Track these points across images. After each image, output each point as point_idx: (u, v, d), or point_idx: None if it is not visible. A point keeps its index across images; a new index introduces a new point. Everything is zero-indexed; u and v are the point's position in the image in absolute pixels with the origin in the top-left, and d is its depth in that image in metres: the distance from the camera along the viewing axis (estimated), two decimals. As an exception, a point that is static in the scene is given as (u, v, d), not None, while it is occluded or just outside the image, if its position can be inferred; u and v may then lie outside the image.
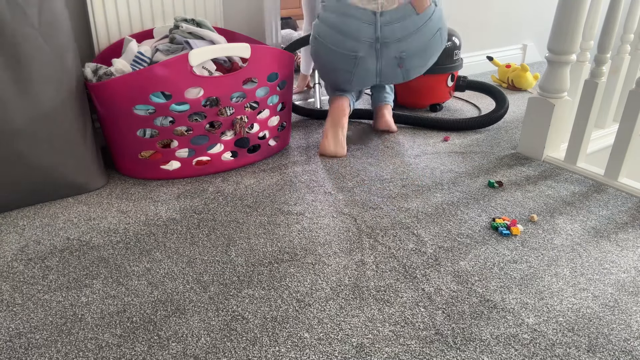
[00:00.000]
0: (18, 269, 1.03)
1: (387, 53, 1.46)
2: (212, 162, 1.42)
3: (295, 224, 1.19)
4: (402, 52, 1.46)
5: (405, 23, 1.43)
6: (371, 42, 1.44)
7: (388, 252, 1.09)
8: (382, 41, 1.44)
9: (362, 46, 1.45)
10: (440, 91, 1.95)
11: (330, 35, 1.48)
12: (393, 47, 1.45)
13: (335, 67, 1.52)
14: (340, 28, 1.45)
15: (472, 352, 0.83)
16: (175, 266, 1.04)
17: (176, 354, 0.82)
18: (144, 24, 1.53)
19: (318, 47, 1.53)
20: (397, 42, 1.45)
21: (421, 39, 1.46)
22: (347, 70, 1.50)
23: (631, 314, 0.92)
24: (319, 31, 1.51)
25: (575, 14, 1.39)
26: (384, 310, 0.92)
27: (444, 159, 1.56)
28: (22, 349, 0.83)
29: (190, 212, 1.24)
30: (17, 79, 1.14)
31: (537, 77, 2.32)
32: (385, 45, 1.45)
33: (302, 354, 0.82)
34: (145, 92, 1.27)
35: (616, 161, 1.37)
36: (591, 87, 1.42)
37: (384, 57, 1.47)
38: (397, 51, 1.46)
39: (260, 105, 1.44)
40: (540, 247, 1.12)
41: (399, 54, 1.46)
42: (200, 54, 1.28)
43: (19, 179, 1.20)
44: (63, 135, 1.23)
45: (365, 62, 1.48)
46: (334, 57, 1.50)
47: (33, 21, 1.14)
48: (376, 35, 1.43)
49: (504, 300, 0.95)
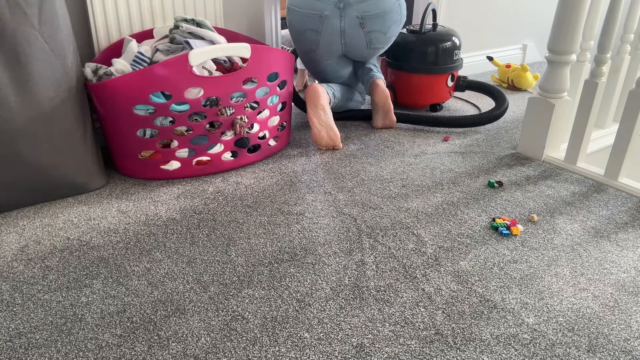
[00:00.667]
0: (18, 269, 1.03)
1: (350, 12, 1.62)
2: (212, 162, 1.42)
3: (295, 224, 1.19)
4: (363, 12, 1.62)
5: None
6: (335, 2, 1.62)
7: (388, 252, 1.09)
8: (345, 2, 1.62)
9: (327, 6, 1.62)
10: (440, 91, 1.95)
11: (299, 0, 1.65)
12: (355, 8, 1.62)
13: (304, 28, 1.67)
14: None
15: (472, 352, 0.83)
16: (175, 266, 1.04)
17: (176, 354, 0.82)
18: (144, 24, 1.53)
19: (290, 15, 1.70)
20: (358, 3, 1.62)
21: (380, 4, 1.63)
22: (315, 30, 1.66)
23: (631, 314, 0.92)
24: (290, 0, 1.69)
25: (575, 14, 1.39)
26: (384, 310, 0.92)
27: (444, 159, 1.56)
28: (22, 349, 0.83)
29: (190, 212, 1.24)
30: (17, 79, 1.14)
31: (537, 77, 2.32)
32: (347, 5, 1.62)
33: (302, 354, 0.82)
34: (145, 92, 1.27)
35: (616, 161, 1.37)
36: (591, 87, 1.42)
37: (347, 16, 1.63)
38: (358, 11, 1.62)
39: (260, 105, 1.44)
40: (540, 247, 1.12)
41: (360, 14, 1.62)
42: (200, 54, 1.28)
43: (19, 179, 1.20)
44: (63, 135, 1.23)
45: (330, 21, 1.64)
46: (303, 19, 1.66)
47: (33, 21, 1.14)
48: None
49: (504, 300, 0.95)
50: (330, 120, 1.58)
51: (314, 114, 1.57)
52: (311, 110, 1.58)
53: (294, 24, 1.69)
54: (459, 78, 2.00)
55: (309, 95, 1.59)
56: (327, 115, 1.58)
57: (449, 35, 1.89)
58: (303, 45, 1.73)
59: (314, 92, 1.59)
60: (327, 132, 1.57)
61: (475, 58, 2.56)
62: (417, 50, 1.86)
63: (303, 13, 1.64)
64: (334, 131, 1.58)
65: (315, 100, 1.58)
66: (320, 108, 1.58)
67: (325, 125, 1.57)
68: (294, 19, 1.68)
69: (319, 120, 1.57)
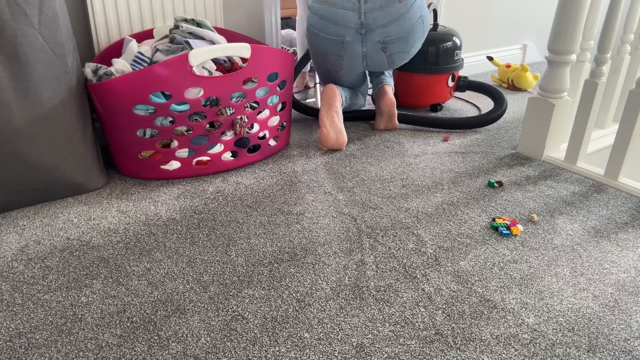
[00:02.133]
0: (18, 269, 1.03)
1: (372, 37, 1.58)
2: (212, 162, 1.42)
3: (295, 224, 1.19)
4: (385, 37, 1.58)
5: (388, 10, 1.55)
6: (357, 28, 1.57)
7: (388, 252, 1.09)
8: (367, 27, 1.56)
9: (349, 32, 1.58)
10: (441, 91, 1.95)
11: (320, 24, 1.61)
12: (377, 32, 1.57)
13: (326, 51, 1.65)
14: (328, 16, 1.59)
15: (472, 352, 0.83)
16: (175, 266, 1.04)
17: (176, 354, 0.82)
18: (144, 24, 1.53)
19: (311, 36, 1.66)
20: (380, 27, 1.56)
21: (404, 25, 1.57)
22: (337, 55, 1.63)
23: (631, 314, 0.92)
24: (310, 21, 1.64)
25: (575, 14, 1.39)
26: (384, 310, 0.92)
27: (444, 159, 1.56)
28: (22, 349, 0.83)
29: (190, 212, 1.24)
30: (17, 79, 1.14)
31: (537, 77, 2.32)
32: (369, 30, 1.57)
33: (302, 354, 0.82)
34: (145, 92, 1.27)
35: (616, 161, 1.37)
36: (591, 87, 1.42)
37: (369, 41, 1.59)
38: (381, 36, 1.58)
39: (260, 105, 1.44)
40: (540, 247, 1.12)
41: (382, 39, 1.58)
42: (200, 54, 1.28)
43: (19, 179, 1.20)
44: (63, 135, 1.23)
45: (352, 46, 1.60)
46: (325, 43, 1.63)
47: (33, 21, 1.14)
48: (360, 21, 1.56)
49: (504, 300, 0.95)
50: (341, 123, 1.59)
51: (326, 115, 1.57)
52: (325, 111, 1.58)
53: (316, 45, 1.67)
54: (459, 78, 2.00)
55: (326, 95, 1.59)
56: (339, 118, 1.59)
57: (449, 35, 1.89)
58: (325, 65, 1.71)
59: (331, 93, 1.59)
60: (336, 135, 1.56)
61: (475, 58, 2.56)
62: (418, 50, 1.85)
63: (324, 38, 1.61)
64: (343, 135, 1.58)
65: (331, 102, 1.58)
66: (334, 110, 1.58)
67: (336, 128, 1.57)
68: (316, 41, 1.66)
69: (331, 122, 1.57)
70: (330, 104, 1.58)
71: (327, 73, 1.73)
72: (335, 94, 1.60)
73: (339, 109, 1.59)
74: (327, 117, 1.57)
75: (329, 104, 1.58)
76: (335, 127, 1.57)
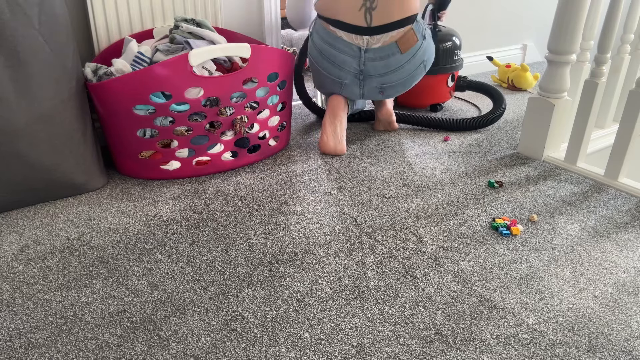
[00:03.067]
0: (18, 269, 1.03)
1: (370, 83, 1.56)
2: (212, 162, 1.42)
3: (295, 224, 1.19)
4: (383, 84, 1.56)
5: (388, 61, 1.52)
6: (355, 74, 1.54)
7: (388, 252, 1.09)
8: (366, 74, 1.54)
9: (347, 75, 1.55)
10: (441, 91, 1.95)
11: (320, 60, 1.58)
12: (375, 80, 1.55)
13: (325, 84, 1.63)
14: (328, 57, 1.56)
15: (472, 352, 0.83)
16: (175, 266, 1.04)
17: (176, 354, 0.82)
18: (144, 24, 1.53)
19: (312, 65, 1.64)
20: (379, 76, 1.54)
21: (403, 74, 1.55)
22: (335, 90, 1.61)
23: (631, 314, 0.92)
24: (311, 52, 1.62)
25: (575, 14, 1.39)
26: (384, 310, 0.92)
27: (444, 159, 1.56)
28: (22, 349, 0.83)
29: (190, 212, 1.24)
30: (17, 79, 1.14)
31: (537, 77, 2.32)
32: (368, 77, 1.54)
33: (302, 354, 0.82)
34: (145, 92, 1.27)
35: (616, 161, 1.37)
36: (591, 87, 1.42)
37: (367, 86, 1.57)
38: (379, 82, 1.56)
39: (260, 105, 1.44)
40: (540, 247, 1.12)
41: (380, 85, 1.56)
42: (200, 54, 1.28)
43: (19, 179, 1.20)
44: (63, 135, 1.23)
45: (349, 87, 1.58)
46: (324, 78, 1.61)
47: (33, 21, 1.14)
48: (360, 68, 1.53)
49: (504, 300, 0.95)
50: (343, 133, 1.58)
51: (330, 124, 1.57)
52: (329, 120, 1.58)
53: (315, 75, 1.64)
54: (459, 78, 2.00)
55: (332, 104, 1.59)
56: (342, 127, 1.58)
57: (449, 35, 1.89)
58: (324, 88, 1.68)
59: (337, 103, 1.59)
60: (334, 144, 1.56)
61: (475, 58, 2.56)
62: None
63: (324, 74, 1.59)
64: (342, 145, 1.57)
65: (336, 112, 1.58)
66: (338, 120, 1.58)
67: (336, 138, 1.57)
68: (315, 72, 1.63)
69: (333, 131, 1.57)
70: (335, 115, 1.58)
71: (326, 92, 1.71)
72: (341, 103, 1.59)
73: (343, 118, 1.59)
74: (330, 126, 1.57)
75: (334, 114, 1.58)
76: (335, 137, 1.57)
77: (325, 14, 1.54)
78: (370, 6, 1.48)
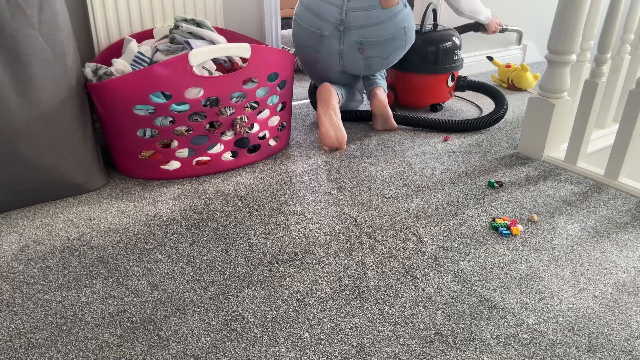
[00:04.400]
0: (18, 269, 1.03)
1: (349, 37, 1.59)
2: (212, 162, 1.42)
3: (295, 224, 1.19)
4: (362, 38, 1.58)
5: (369, 13, 1.56)
6: (336, 24, 1.58)
7: (388, 252, 1.09)
8: (346, 25, 1.58)
9: (328, 26, 1.59)
10: (441, 91, 1.95)
11: (304, 14, 1.64)
12: (354, 33, 1.58)
13: (304, 43, 1.67)
14: (312, 8, 1.61)
15: (472, 352, 0.83)
16: (175, 266, 1.04)
17: (176, 354, 0.82)
18: (144, 24, 1.53)
19: (294, 25, 1.69)
20: (358, 28, 1.57)
21: (382, 31, 1.58)
22: (314, 48, 1.65)
23: (631, 314, 0.92)
24: (296, 11, 1.68)
25: (575, 14, 1.39)
26: (384, 310, 0.92)
27: (444, 159, 1.56)
28: (22, 349, 0.83)
29: (190, 212, 1.24)
30: (17, 79, 1.14)
31: (537, 77, 2.32)
32: (347, 29, 1.58)
33: (302, 354, 0.82)
34: (145, 92, 1.27)
35: (616, 161, 1.37)
36: (591, 87, 1.42)
37: (346, 40, 1.60)
38: (358, 37, 1.58)
39: (260, 105, 1.44)
40: (540, 247, 1.12)
41: (360, 39, 1.59)
42: (200, 54, 1.28)
43: (19, 179, 1.20)
44: (63, 135, 1.23)
45: (329, 41, 1.62)
46: (305, 34, 1.65)
47: (33, 21, 1.14)
48: (341, 18, 1.58)
49: (504, 300, 0.95)
50: (339, 121, 1.58)
51: (324, 114, 1.57)
52: (322, 110, 1.58)
53: (296, 36, 1.70)
54: (459, 78, 2.00)
55: (321, 94, 1.60)
56: (337, 116, 1.59)
57: (449, 35, 1.89)
58: (304, 57, 1.73)
59: (326, 91, 1.59)
60: (335, 133, 1.56)
61: (475, 58, 2.56)
62: (418, 50, 1.85)
63: (304, 27, 1.64)
64: (342, 133, 1.58)
65: (327, 100, 1.58)
66: (331, 108, 1.58)
67: (335, 126, 1.57)
68: (296, 32, 1.69)
69: (330, 120, 1.57)
70: (326, 103, 1.58)
71: (309, 66, 1.75)
72: (330, 92, 1.60)
73: (335, 107, 1.59)
74: (325, 116, 1.57)
75: (326, 103, 1.58)
76: (334, 125, 1.57)
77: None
78: None
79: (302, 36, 1.66)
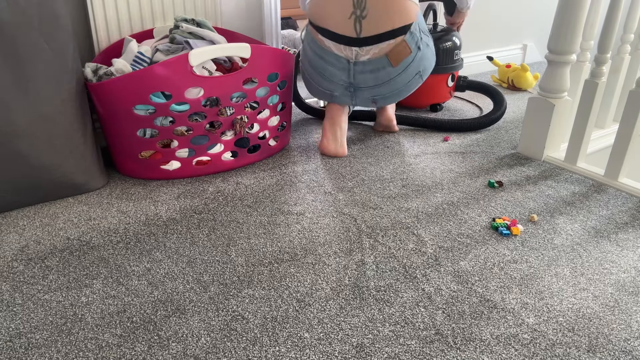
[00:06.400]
0: (18, 269, 1.03)
1: (361, 95, 1.53)
2: (212, 162, 1.42)
3: (295, 224, 1.19)
4: (374, 96, 1.52)
5: (378, 74, 1.47)
6: (345, 86, 1.51)
7: (388, 252, 1.09)
8: (356, 86, 1.50)
9: (337, 88, 1.52)
10: (441, 91, 1.95)
11: (310, 71, 1.56)
12: (367, 92, 1.51)
13: (316, 94, 1.61)
14: (317, 68, 1.53)
15: (472, 352, 0.83)
16: (175, 266, 1.04)
17: (176, 354, 0.82)
18: (144, 24, 1.53)
19: (302, 72, 1.62)
20: (370, 88, 1.50)
21: (396, 85, 1.50)
22: (327, 100, 1.58)
23: (631, 314, 0.92)
24: (302, 61, 1.60)
25: (575, 14, 1.39)
26: (384, 310, 0.92)
27: (444, 159, 1.56)
28: (22, 349, 0.83)
29: (190, 212, 1.24)
30: (17, 79, 1.14)
31: (537, 77, 2.32)
32: (359, 89, 1.51)
33: (302, 354, 0.82)
34: (145, 92, 1.27)
35: (616, 161, 1.37)
36: (591, 87, 1.42)
37: (358, 97, 1.53)
38: (371, 94, 1.52)
39: (260, 105, 1.44)
40: (540, 247, 1.12)
41: (372, 96, 1.52)
42: (200, 54, 1.28)
43: (19, 179, 1.20)
44: (63, 135, 1.23)
45: (341, 99, 1.55)
46: (315, 89, 1.59)
47: (33, 21, 1.14)
48: (349, 80, 1.50)
49: (504, 300, 0.95)
50: (344, 137, 1.57)
51: (329, 129, 1.56)
52: (328, 125, 1.57)
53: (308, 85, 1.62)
54: (459, 78, 2.00)
55: (331, 112, 1.57)
56: (343, 132, 1.57)
57: (449, 35, 1.89)
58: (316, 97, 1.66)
59: (336, 110, 1.57)
60: (335, 147, 1.56)
61: (475, 58, 2.56)
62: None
63: (314, 86, 1.57)
64: (343, 148, 1.56)
65: (336, 119, 1.56)
66: (338, 125, 1.56)
67: (337, 141, 1.56)
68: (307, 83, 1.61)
69: (333, 134, 1.56)
70: (334, 122, 1.56)
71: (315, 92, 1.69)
72: (340, 110, 1.57)
73: (343, 124, 1.57)
74: (330, 130, 1.56)
75: (333, 121, 1.56)
76: (336, 140, 1.56)
77: (314, 19, 1.49)
78: (360, 14, 1.41)
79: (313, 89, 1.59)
